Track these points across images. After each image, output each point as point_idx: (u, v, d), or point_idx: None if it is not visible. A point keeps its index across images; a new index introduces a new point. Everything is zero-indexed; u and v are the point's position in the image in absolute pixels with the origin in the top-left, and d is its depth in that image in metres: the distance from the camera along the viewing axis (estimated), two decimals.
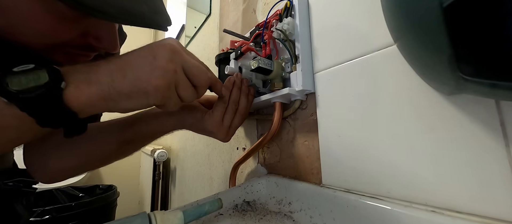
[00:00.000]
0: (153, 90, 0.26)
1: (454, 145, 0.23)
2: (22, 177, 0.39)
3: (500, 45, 0.13)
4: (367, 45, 0.30)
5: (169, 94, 0.28)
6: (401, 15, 0.18)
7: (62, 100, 0.22)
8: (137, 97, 0.26)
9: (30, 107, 0.21)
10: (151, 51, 0.27)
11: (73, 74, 0.23)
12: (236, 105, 0.40)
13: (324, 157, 0.36)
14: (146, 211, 0.29)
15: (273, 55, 0.42)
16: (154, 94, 0.26)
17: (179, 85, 0.28)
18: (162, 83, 0.26)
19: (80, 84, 0.23)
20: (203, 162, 0.87)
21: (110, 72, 0.25)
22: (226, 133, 0.40)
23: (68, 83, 0.23)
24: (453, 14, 0.13)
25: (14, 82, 0.21)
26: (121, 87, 0.25)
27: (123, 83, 0.25)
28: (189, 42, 1.17)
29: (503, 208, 0.20)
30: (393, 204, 0.26)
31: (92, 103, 0.24)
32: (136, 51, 0.27)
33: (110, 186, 1.42)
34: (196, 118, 0.40)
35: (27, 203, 0.41)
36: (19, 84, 0.21)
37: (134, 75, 0.25)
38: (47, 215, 1.02)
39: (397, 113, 0.27)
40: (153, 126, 0.40)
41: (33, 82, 0.21)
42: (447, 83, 0.19)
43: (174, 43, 0.28)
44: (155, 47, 0.27)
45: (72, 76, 0.23)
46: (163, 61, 0.26)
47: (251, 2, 0.62)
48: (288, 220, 0.35)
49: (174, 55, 0.27)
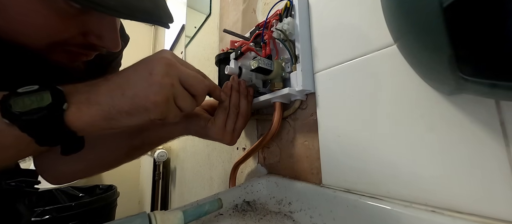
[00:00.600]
0: (152, 106, 0.26)
1: (454, 145, 0.23)
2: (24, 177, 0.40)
3: (500, 45, 0.13)
4: (367, 45, 0.30)
5: (168, 108, 0.28)
6: (401, 15, 0.18)
7: (63, 121, 0.23)
8: (137, 114, 0.26)
9: (30, 128, 0.22)
10: (147, 67, 0.27)
11: (75, 95, 0.24)
12: (237, 109, 0.40)
13: (324, 157, 0.36)
14: (146, 211, 0.29)
15: (273, 55, 0.42)
16: (153, 110, 0.26)
17: (177, 98, 0.29)
18: (161, 99, 0.26)
19: (81, 105, 0.24)
20: (203, 162, 0.87)
21: (110, 92, 0.25)
22: (231, 137, 0.40)
23: (70, 104, 0.23)
24: (453, 14, 0.13)
25: (18, 103, 0.21)
26: (121, 106, 0.25)
27: (123, 101, 0.25)
28: (189, 42, 1.17)
29: (503, 208, 0.20)
30: (393, 204, 0.26)
31: (93, 124, 0.24)
32: (132, 67, 0.28)
33: (110, 186, 1.42)
34: (200, 125, 0.40)
35: (29, 203, 0.41)
36: (22, 106, 0.21)
37: (132, 92, 0.25)
38: (47, 215, 1.02)
39: (397, 113, 0.27)
40: (161, 133, 0.42)
41: (36, 104, 0.21)
42: (447, 83, 0.19)
43: (169, 56, 0.28)
44: (151, 63, 0.27)
45: (74, 97, 0.24)
46: (159, 76, 0.26)
47: (251, 2, 0.62)
48: (288, 220, 0.35)
49: (170, 69, 0.27)
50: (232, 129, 0.40)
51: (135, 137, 0.41)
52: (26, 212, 0.40)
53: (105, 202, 1.25)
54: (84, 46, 0.29)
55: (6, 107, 0.21)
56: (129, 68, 0.28)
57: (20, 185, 0.39)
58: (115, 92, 0.25)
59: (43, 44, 0.26)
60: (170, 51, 0.30)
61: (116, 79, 0.26)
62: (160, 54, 0.28)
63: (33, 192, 0.42)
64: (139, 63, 0.28)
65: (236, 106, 0.40)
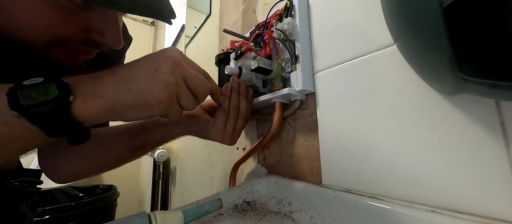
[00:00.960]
0: (155, 103, 0.26)
1: (454, 145, 0.23)
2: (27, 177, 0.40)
3: (500, 45, 0.13)
4: (367, 45, 0.30)
5: (171, 106, 0.28)
6: (401, 15, 0.18)
7: (71, 113, 0.23)
8: (140, 109, 0.26)
9: (39, 120, 0.22)
10: (153, 64, 0.27)
11: (79, 86, 0.24)
12: (237, 110, 0.40)
13: (324, 157, 0.36)
14: (146, 211, 0.29)
15: (273, 55, 0.42)
16: (156, 107, 0.27)
17: (181, 97, 0.29)
18: (164, 97, 0.26)
19: (87, 97, 0.24)
20: (203, 162, 0.87)
21: (115, 85, 0.25)
22: (231, 138, 0.41)
23: (76, 96, 0.23)
24: (453, 14, 0.13)
25: (25, 96, 0.21)
26: (125, 100, 0.25)
27: (127, 96, 0.25)
28: (189, 42, 1.17)
29: (503, 208, 0.20)
30: (393, 204, 0.26)
31: (98, 115, 0.25)
32: (139, 62, 0.28)
33: (110, 186, 1.42)
34: (200, 127, 0.41)
35: (31, 202, 0.42)
36: (30, 98, 0.21)
37: (137, 88, 0.26)
38: (47, 215, 1.02)
39: (397, 113, 0.27)
40: (162, 133, 0.42)
41: (42, 96, 0.22)
42: (447, 83, 0.19)
43: (176, 55, 0.29)
44: (157, 60, 0.27)
45: (78, 89, 0.24)
46: (165, 74, 0.26)
47: (251, 2, 0.62)
48: (288, 220, 0.35)
49: (176, 68, 0.28)
50: (232, 130, 0.40)
51: (137, 137, 0.42)
52: (29, 211, 0.40)
53: (105, 202, 1.25)
54: (86, 43, 0.29)
55: (14, 99, 0.21)
56: (135, 63, 0.28)
57: (23, 185, 0.39)
58: (120, 85, 0.25)
59: (44, 41, 0.26)
60: (177, 49, 0.30)
61: (121, 73, 0.26)
62: (167, 52, 0.28)
63: (35, 192, 0.43)
64: (146, 58, 0.28)
65: (236, 108, 0.40)
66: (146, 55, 0.29)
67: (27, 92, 0.21)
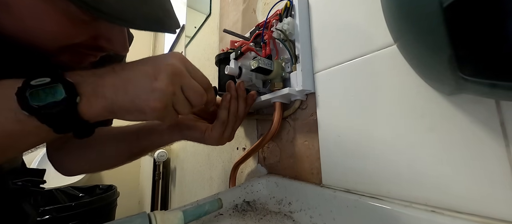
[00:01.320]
0: (150, 111, 0.27)
1: (454, 145, 0.23)
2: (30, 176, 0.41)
3: (500, 45, 0.13)
4: (367, 45, 0.30)
5: (166, 112, 0.29)
6: (401, 15, 0.18)
7: (78, 113, 0.24)
8: (135, 114, 0.27)
9: (49, 120, 0.23)
10: (153, 71, 0.27)
11: (83, 86, 0.24)
12: (236, 116, 0.41)
13: (324, 157, 0.36)
14: (146, 211, 0.29)
15: (273, 55, 0.42)
16: (150, 114, 0.27)
17: (176, 104, 0.29)
18: (159, 105, 0.27)
19: (90, 97, 0.25)
20: (203, 162, 0.87)
21: (114, 87, 0.26)
22: (228, 140, 0.42)
23: (81, 96, 0.24)
24: (453, 14, 0.13)
25: (34, 96, 0.22)
26: (122, 104, 0.26)
27: (124, 99, 0.26)
28: (189, 42, 1.17)
29: (503, 208, 0.20)
30: (393, 204, 0.26)
31: (100, 114, 0.26)
32: (140, 66, 0.28)
33: (110, 186, 1.42)
34: (196, 137, 0.42)
35: (34, 202, 0.42)
36: (38, 99, 0.22)
37: (134, 93, 0.26)
38: (47, 215, 1.02)
39: (397, 113, 0.27)
40: (159, 140, 0.44)
41: (51, 97, 0.22)
42: (447, 83, 0.19)
43: (177, 63, 0.28)
44: (158, 67, 0.27)
45: (82, 89, 0.24)
46: (163, 84, 0.26)
47: (251, 2, 0.62)
48: (288, 220, 0.35)
49: (175, 78, 0.28)
50: (229, 135, 0.41)
51: (135, 142, 0.43)
52: (32, 211, 0.40)
53: (105, 202, 1.25)
54: (93, 48, 0.30)
55: (24, 100, 0.22)
56: (136, 65, 0.28)
57: (26, 184, 0.40)
58: (119, 88, 0.26)
59: (55, 47, 0.27)
60: (180, 56, 0.30)
61: (122, 74, 0.27)
62: (170, 59, 0.28)
63: (38, 192, 0.43)
64: (147, 62, 0.28)
65: (235, 114, 0.40)
66: (149, 58, 0.29)
67: (36, 92, 0.22)
